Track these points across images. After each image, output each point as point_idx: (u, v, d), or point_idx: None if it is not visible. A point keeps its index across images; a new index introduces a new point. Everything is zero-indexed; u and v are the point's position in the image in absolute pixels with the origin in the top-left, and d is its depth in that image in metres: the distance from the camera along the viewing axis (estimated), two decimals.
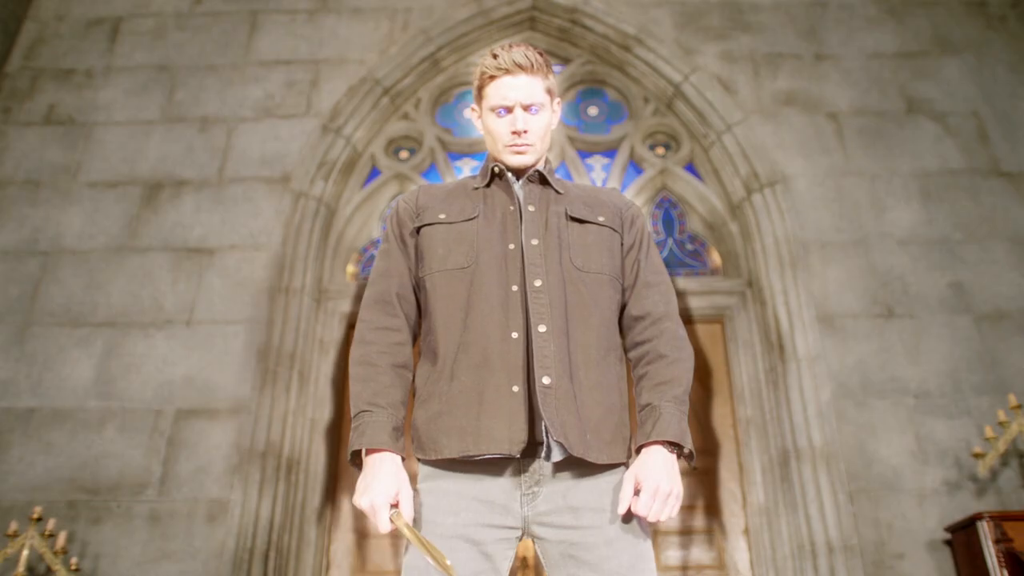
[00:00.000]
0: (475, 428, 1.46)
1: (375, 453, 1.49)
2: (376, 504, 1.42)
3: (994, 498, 3.54)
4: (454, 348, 1.54)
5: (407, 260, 1.68)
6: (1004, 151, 4.39)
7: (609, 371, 1.57)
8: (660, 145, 4.75)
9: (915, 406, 3.76)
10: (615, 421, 1.54)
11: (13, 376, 3.91)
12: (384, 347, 1.60)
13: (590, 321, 1.58)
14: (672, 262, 4.48)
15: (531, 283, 1.56)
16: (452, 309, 1.57)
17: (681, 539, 3.90)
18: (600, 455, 1.48)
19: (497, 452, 1.45)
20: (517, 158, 1.71)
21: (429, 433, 1.51)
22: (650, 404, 1.54)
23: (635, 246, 1.72)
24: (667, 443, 1.49)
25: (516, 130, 1.70)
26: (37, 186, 4.40)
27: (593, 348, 1.56)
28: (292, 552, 3.66)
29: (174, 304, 4.08)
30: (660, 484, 1.44)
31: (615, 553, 1.43)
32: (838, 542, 3.50)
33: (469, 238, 1.63)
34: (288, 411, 3.88)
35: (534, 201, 1.70)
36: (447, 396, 1.51)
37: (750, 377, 4.06)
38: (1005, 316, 3.93)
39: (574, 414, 1.48)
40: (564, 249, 1.63)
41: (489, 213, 1.68)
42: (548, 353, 1.51)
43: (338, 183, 4.50)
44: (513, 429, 1.45)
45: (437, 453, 1.48)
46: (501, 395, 1.47)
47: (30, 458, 3.73)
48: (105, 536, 3.56)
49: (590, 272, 1.62)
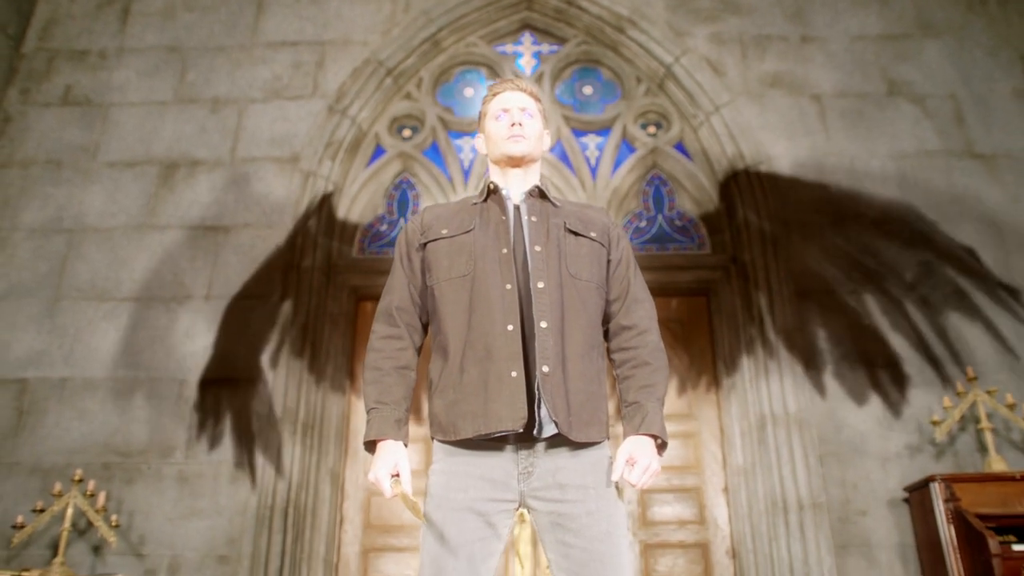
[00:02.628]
0: (484, 412, 1.75)
1: (381, 441, 1.80)
2: (380, 477, 1.74)
3: (951, 461, 3.86)
4: (461, 345, 1.82)
5: (408, 275, 1.96)
6: (978, 133, 4.61)
7: (592, 365, 1.85)
8: (652, 124, 4.96)
9: (883, 376, 4.06)
10: (594, 407, 1.82)
11: (46, 347, 4.20)
12: (389, 353, 1.89)
13: (580, 322, 1.85)
14: (662, 237, 4.74)
15: (535, 284, 1.84)
16: (457, 312, 1.85)
17: (668, 496, 4.24)
18: (579, 435, 1.77)
19: (504, 430, 1.74)
20: (515, 146, 1.98)
21: (448, 418, 1.80)
22: (637, 402, 1.84)
23: (622, 262, 1.99)
24: (652, 435, 1.79)
25: (514, 122, 1.99)
26: (59, 166, 4.63)
27: (581, 344, 1.83)
28: (309, 508, 3.99)
29: (193, 279, 4.34)
30: (649, 463, 1.75)
31: (594, 522, 1.73)
32: (808, 500, 3.84)
33: (468, 247, 1.90)
34: (302, 380, 4.18)
35: (536, 213, 1.96)
36: (459, 386, 1.80)
37: (732, 347, 4.35)
38: (966, 295, 4.21)
39: (563, 398, 1.77)
40: (562, 257, 1.90)
41: (484, 224, 1.94)
42: (548, 346, 1.79)
43: (344, 162, 4.73)
44: (515, 408, 1.74)
45: (456, 435, 1.78)
46: (503, 381, 1.75)
47: (65, 424, 4.04)
48: (138, 495, 3.89)
49: (581, 279, 1.89)
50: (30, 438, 4.00)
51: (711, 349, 4.49)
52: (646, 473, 1.73)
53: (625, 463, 1.73)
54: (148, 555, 3.78)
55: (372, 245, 4.76)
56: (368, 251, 4.74)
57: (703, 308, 4.60)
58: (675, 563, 4.09)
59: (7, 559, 3.72)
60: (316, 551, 3.96)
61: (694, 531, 4.15)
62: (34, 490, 3.88)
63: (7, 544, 3.73)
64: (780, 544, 3.82)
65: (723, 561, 4.08)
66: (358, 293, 4.60)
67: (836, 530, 3.79)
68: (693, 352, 4.50)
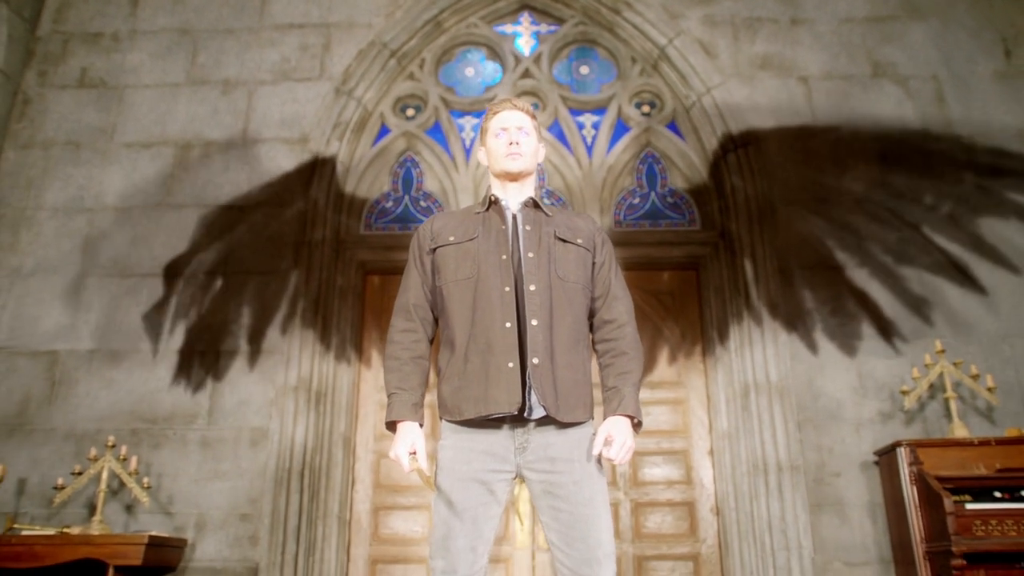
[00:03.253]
0: (484, 396, 2.03)
1: (400, 422, 2.08)
2: (400, 454, 2.05)
3: (920, 427, 4.16)
4: (466, 338, 2.09)
5: (421, 276, 2.23)
6: (958, 113, 4.81)
7: (577, 356, 2.13)
8: (646, 103, 5.16)
9: (859, 347, 4.34)
10: (579, 391, 2.10)
11: (73, 322, 4.46)
12: (406, 345, 2.17)
13: (566, 319, 2.12)
14: (654, 213, 4.97)
15: (527, 287, 2.10)
16: (463, 309, 2.11)
17: (658, 459, 4.54)
18: (566, 416, 2.05)
19: (501, 412, 2.02)
20: (513, 163, 2.24)
21: (454, 401, 2.08)
22: (616, 387, 2.11)
23: (605, 264, 2.25)
24: (627, 416, 2.06)
25: (512, 141, 2.24)
26: (78, 147, 4.84)
27: (567, 339, 2.11)
28: (323, 470, 4.30)
29: (209, 256, 4.59)
30: (625, 440, 2.03)
31: (579, 490, 2.03)
32: (786, 463, 4.14)
33: (472, 254, 2.16)
34: (314, 350, 4.45)
35: (530, 222, 2.21)
36: (464, 374, 2.07)
37: (719, 320, 4.61)
38: (943, 268, 4.46)
39: (551, 385, 2.04)
40: (552, 262, 2.16)
41: (486, 233, 2.20)
42: (538, 341, 2.06)
43: (351, 142, 4.94)
44: (511, 394, 2.01)
45: (460, 415, 2.06)
46: (501, 371, 2.03)
47: (95, 393, 4.33)
48: (165, 458, 4.19)
49: (568, 281, 2.16)
50: (63, 406, 4.30)
51: (700, 321, 4.76)
52: (623, 449, 2.01)
53: (604, 441, 2.01)
54: (176, 513, 4.10)
55: (378, 221, 4.99)
56: (375, 227, 4.97)
57: (693, 281, 4.85)
58: (663, 520, 4.41)
59: (48, 516, 4.04)
60: (330, 509, 4.27)
61: (681, 490, 4.47)
62: (69, 454, 4.18)
63: (48, 503, 4.05)
64: (760, 503, 4.13)
65: (707, 518, 4.40)
66: (365, 267, 4.84)
67: (811, 490, 4.10)
68: (683, 323, 4.77)
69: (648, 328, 4.72)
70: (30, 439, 4.23)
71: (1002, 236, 4.51)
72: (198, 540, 4.06)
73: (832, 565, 3.97)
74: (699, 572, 4.32)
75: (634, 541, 4.37)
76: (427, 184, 5.08)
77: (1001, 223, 4.53)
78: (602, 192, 4.95)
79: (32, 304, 4.50)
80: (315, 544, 4.15)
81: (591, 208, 4.88)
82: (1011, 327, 4.35)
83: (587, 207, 4.89)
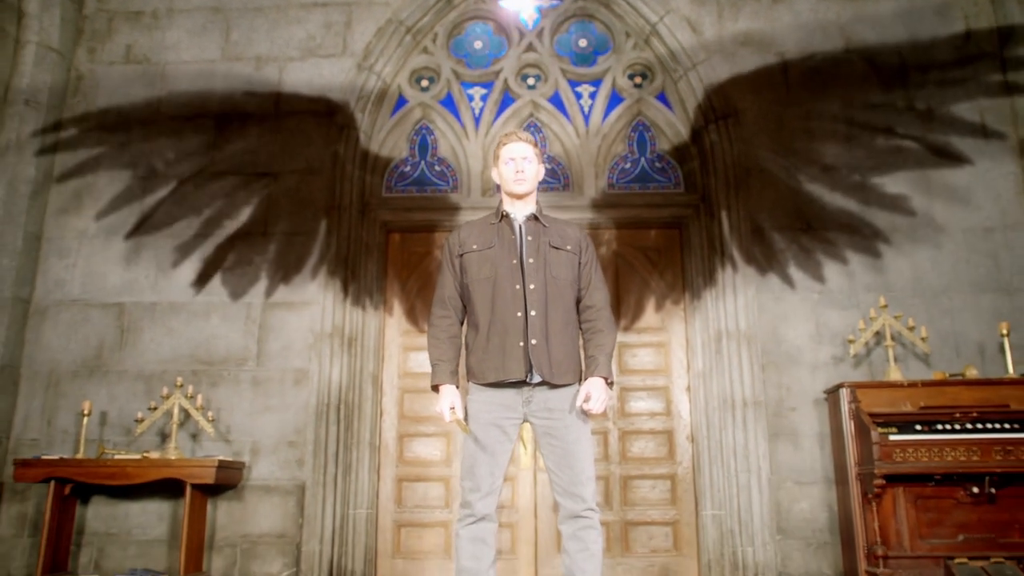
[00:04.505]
0: (502, 366, 2.72)
1: (442, 385, 2.77)
2: (443, 408, 2.75)
3: (866, 369, 4.86)
4: (487, 323, 2.77)
5: (453, 275, 2.89)
6: (918, 86, 5.34)
7: (567, 336, 2.81)
8: (638, 75, 5.68)
9: (818, 300, 5.01)
10: (568, 362, 2.79)
11: (135, 278, 5.13)
12: (444, 327, 2.86)
13: (559, 309, 2.79)
14: (644, 177, 5.57)
15: (528, 285, 2.75)
16: (484, 302, 2.78)
17: (642, 394, 5.27)
18: (558, 380, 2.74)
19: (512, 378, 2.71)
20: (519, 187, 2.88)
21: (479, 369, 2.77)
22: (594, 356, 2.80)
23: (588, 264, 2.89)
24: (602, 377, 2.75)
25: (518, 170, 2.86)
26: (129, 119, 5.41)
27: (559, 324, 2.79)
28: (356, 404, 5.03)
29: (251, 220, 5.22)
30: (600, 396, 2.72)
31: (568, 432, 2.74)
32: (751, 399, 4.86)
33: (491, 259, 2.81)
34: (345, 301, 5.12)
35: (532, 233, 2.85)
36: (486, 349, 2.76)
37: (698, 274, 5.26)
38: (897, 230, 5.08)
39: (546, 359, 2.73)
40: (548, 265, 2.81)
41: (501, 242, 2.85)
42: (537, 327, 2.73)
43: (372, 113, 5.50)
44: (520, 365, 2.71)
45: (484, 379, 2.76)
46: (514, 349, 2.71)
47: (159, 339, 5.03)
48: (222, 395, 4.93)
49: (559, 280, 2.82)
50: (132, 351, 5.01)
51: (682, 274, 5.41)
52: (598, 402, 2.70)
53: (584, 397, 2.70)
54: (234, 441, 4.86)
55: (398, 184, 5.60)
56: (395, 189, 5.58)
57: (676, 239, 5.48)
58: (646, 446, 5.17)
59: (127, 443, 4.81)
60: (363, 437, 5.02)
61: (662, 421, 5.22)
62: (140, 392, 4.92)
63: (125, 433, 4.82)
64: (727, 432, 4.87)
65: (683, 444, 5.16)
66: (388, 226, 5.47)
67: (771, 422, 4.83)
68: (667, 277, 5.42)
69: (636, 280, 5.39)
70: (107, 379, 4.96)
71: (946, 204, 5.11)
72: (253, 463, 4.83)
73: (785, 484, 4.75)
74: (675, 490, 5.10)
75: (621, 463, 5.14)
76: (441, 150, 5.66)
77: (947, 191, 5.13)
78: (597, 158, 5.54)
79: (99, 263, 5.16)
80: (351, 466, 4.92)
81: (587, 172, 5.48)
82: (951, 282, 5.00)
83: (583, 171, 5.49)
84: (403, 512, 5.09)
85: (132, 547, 4.70)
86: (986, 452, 4.02)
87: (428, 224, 5.48)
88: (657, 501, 5.09)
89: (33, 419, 4.91)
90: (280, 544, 4.72)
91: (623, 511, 5.06)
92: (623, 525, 5.04)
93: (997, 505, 4.12)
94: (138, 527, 4.74)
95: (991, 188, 5.14)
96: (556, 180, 5.55)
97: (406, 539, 5.05)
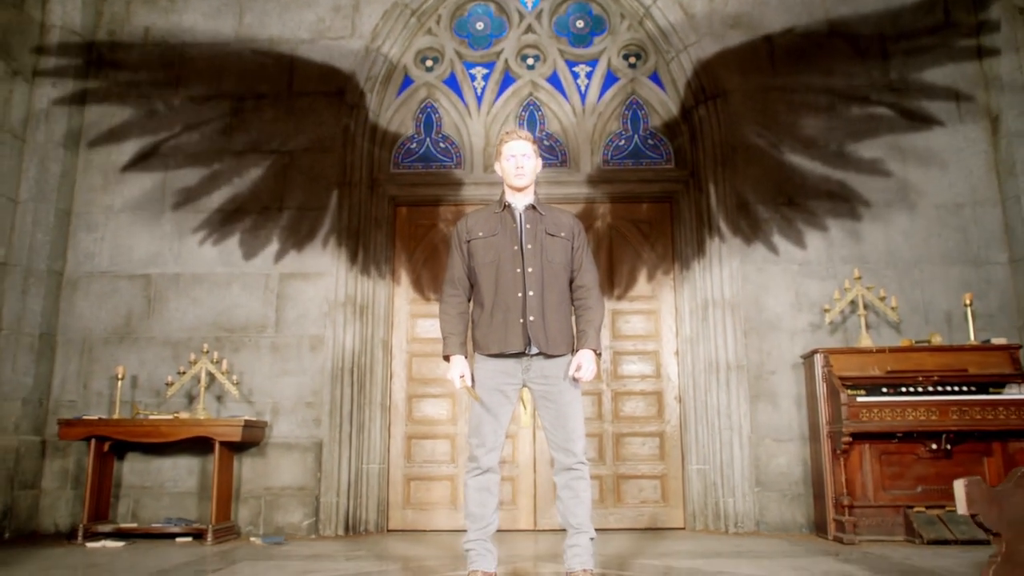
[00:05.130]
0: (504, 339, 3.08)
1: (453, 356, 3.13)
2: (454, 376, 3.12)
3: (842, 336, 5.24)
4: (491, 302, 3.12)
5: (461, 258, 3.23)
6: (898, 66, 5.63)
7: (561, 313, 3.16)
8: (632, 55, 5.97)
9: (798, 271, 5.37)
10: (561, 336, 3.14)
11: (160, 250, 5.49)
12: (454, 305, 3.21)
13: (553, 290, 3.14)
14: (637, 153, 5.88)
15: (527, 269, 3.11)
16: (489, 284, 3.13)
17: (634, 358, 5.66)
18: (553, 351, 3.10)
19: (513, 350, 3.08)
20: (519, 180, 3.21)
21: (484, 342, 3.13)
22: (584, 330, 3.16)
23: (580, 248, 3.23)
24: (591, 349, 3.12)
25: (519, 165, 3.19)
26: (149, 99, 5.71)
27: (554, 303, 3.14)
28: (368, 368, 5.43)
29: (267, 195, 5.55)
30: (589, 366, 3.09)
31: (562, 395, 3.10)
32: (734, 363, 5.25)
33: (495, 245, 3.16)
34: (356, 271, 5.48)
35: (530, 221, 3.19)
36: (490, 325, 3.12)
37: (687, 245, 5.62)
38: (873, 206, 5.42)
39: (543, 333, 3.09)
40: (544, 251, 3.15)
41: (503, 230, 3.19)
42: (534, 306, 3.09)
43: (380, 93, 5.79)
44: (520, 338, 3.08)
45: (488, 351, 3.12)
46: (515, 325, 3.07)
47: (183, 308, 5.41)
48: (243, 360, 5.32)
49: (554, 264, 3.16)
50: (159, 319, 5.39)
51: (671, 246, 5.76)
52: (587, 371, 3.07)
53: (575, 367, 3.07)
54: (256, 402, 5.26)
55: (404, 160, 5.92)
56: (401, 165, 5.90)
57: (667, 213, 5.83)
58: (637, 405, 5.58)
59: (157, 405, 5.21)
60: (374, 398, 5.43)
61: (652, 383, 5.62)
62: (168, 357, 5.31)
63: (155, 395, 5.22)
64: (712, 393, 5.27)
65: (672, 404, 5.56)
66: (395, 201, 5.81)
67: (752, 384, 5.23)
68: (658, 248, 5.78)
69: (629, 252, 5.75)
70: (136, 345, 5.35)
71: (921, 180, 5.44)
72: (274, 422, 5.24)
73: (764, 441, 5.16)
74: (664, 446, 5.53)
75: (614, 422, 5.56)
76: (445, 128, 5.97)
77: (921, 170, 5.45)
78: (593, 135, 5.85)
79: (125, 236, 5.51)
80: (364, 425, 5.33)
81: (583, 149, 5.80)
82: (923, 254, 5.36)
83: (580, 148, 5.81)
84: (412, 467, 5.52)
85: (165, 498, 5.13)
86: (944, 412, 4.42)
87: (433, 198, 5.82)
88: (647, 457, 5.51)
89: (70, 382, 5.31)
90: (300, 496, 5.15)
91: (616, 466, 5.49)
92: (616, 478, 5.48)
93: (952, 460, 4.53)
94: (170, 480, 5.16)
95: (963, 166, 5.47)
96: (554, 156, 5.87)
97: (415, 491, 5.49)
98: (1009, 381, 4.56)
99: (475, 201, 5.68)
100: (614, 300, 5.69)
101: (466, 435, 3.46)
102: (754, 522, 5.05)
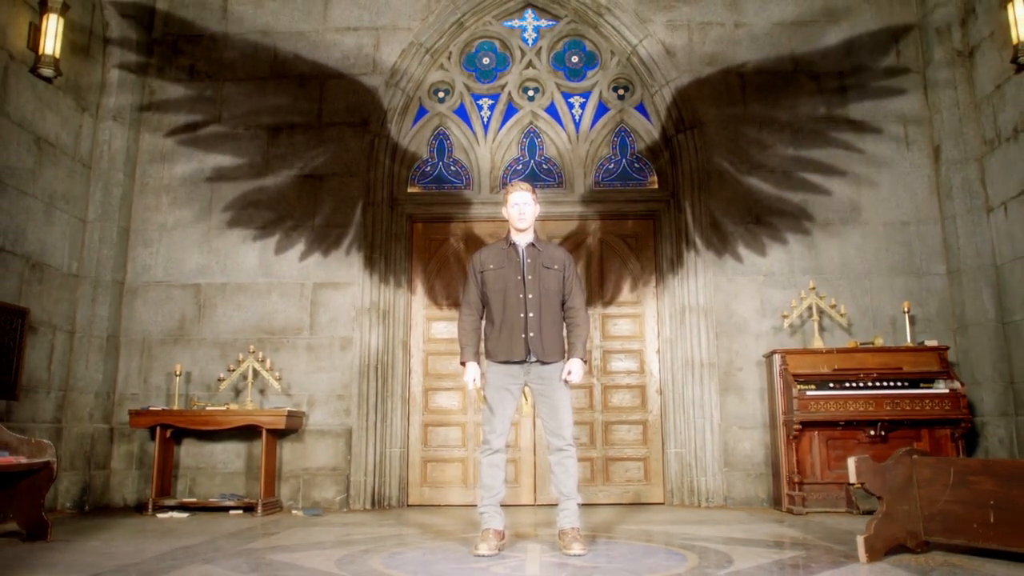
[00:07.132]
0: (510, 350, 3.90)
1: (468, 362, 3.94)
2: (468, 380, 3.93)
3: (800, 338, 6.06)
4: (500, 321, 3.93)
5: (476, 285, 4.02)
6: (855, 101, 6.41)
7: (555, 329, 3.96)
8: (621, 88, 6.75)
9: (763, 281, 6.18)
10: (556, 347, 3.93)
11: (208, 263, 6.30)
12: (469, 322, 4.02)
13: (549, 312, 3.94)
14: (624, 176, 6.68)
15: (528, 296, 3.92)
16: (498, 306, 3.93)
17: (621, 355, 6.48)
18: (549, 359, 3.90)
19: (516, 359, 3.89)
20: (521, 223, 4.02)
21: (494, 351, 3.93)
22: (573, 343, 3.98)
23: (570, 277, 4.04)
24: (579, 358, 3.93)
25: (520, 212, 4.00)
26: (195, 128, 6.51)
27: (549, 322, 3.94)
28: (390, 365, 6.25)
29: (301, 214, 6.36)
30: (577, 371, 3.91)
31: (555, 393, 3.91)
32: (707, 361, 6.07)
33: (503, 276, 3.96)
34: (379, 281, 6.30)
35: (530, 256, 4.00)
36: (499, 339, 3.92)
37: (667, 258, 6.42)
38: (829, 224, 6.23)
39: (540, 345, 3.90)
40: (541, 280, 3.96)
41: (509, 263, 3.99)
42: (533, 324, 3.90)
43: (398, 123, 6.59)
44: (523, 351, 3.89)
45: (497, 359, 3.92)
46: (518, 340, 3.88)
47: (229, 314, 6.23)
48: (283, 359, 6.14)
49: (550, 291, 3.97)
50: (208, 323, 6.21)
51: (654, 258, 6.58)
52: (576, 376, 3.88)
53: (566, 372, 3.89)
54: (294, 395, 6.09)
55: (420, 181, 6.72)
56: (417, 186, 6.71)
57: (650, 229, 6.63)
58: (623, 397, 6.41)
59: (208, 398, 6.04)
60: (395, 391, 6.26)
61: (636, 377, 6.44)
62: (216, 356, 6.13)
63: (207, 389, 6.05)
64: (688, 387, 6.10)
65: (654, 396, 6.40)
66: (412, 218, 6.62)
67: (722, 380, 6.06)
68: (642, 260, 6.59)
69: (617, 263, 6.56)
70: (189, 346, 6.17)
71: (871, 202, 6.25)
72: (310, 412, 6.08)
73: (731, 429, 5.99)
74: (647, 432, 6.36)
75: (603, 411, 6.39)
76: (455, 152, 6.77)
77: (872, 192, 6.26)
78: (585, 159, 6.65)
79: (177, 250, 6.32)
80: (387, 415, 6.16)
81: (577, 172, 6.61)
82: (872, 266, 6.17)
83: (574, 171, 6.61)
84: (428, 450, 6.36)
85: (217, 478, 5.98)
86: (879, 404, 5.25)
87: (445, 216, 6.63)
88: (632, 442, 6.35)
89: (132, 378, 6.14)
90: (333, 476, 5.99)
91: (604, 449, 6.33)
92: (604, 460, 6.31)
93: (887, 444, 5.35)
94: (221, 462, 6.01)
95: (909, 189, 6.27)
96: (552, 179, 6.67)
97: (431, 472, 6.33)
98: (937, 378, 5.38)
99: (482, 218, 6.49)
100: (603, 306, 6.51)
101: (475, 423, 4.32)
102: (723, 497, 5.89)
